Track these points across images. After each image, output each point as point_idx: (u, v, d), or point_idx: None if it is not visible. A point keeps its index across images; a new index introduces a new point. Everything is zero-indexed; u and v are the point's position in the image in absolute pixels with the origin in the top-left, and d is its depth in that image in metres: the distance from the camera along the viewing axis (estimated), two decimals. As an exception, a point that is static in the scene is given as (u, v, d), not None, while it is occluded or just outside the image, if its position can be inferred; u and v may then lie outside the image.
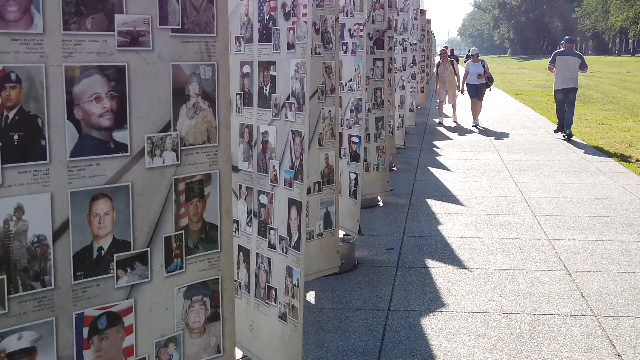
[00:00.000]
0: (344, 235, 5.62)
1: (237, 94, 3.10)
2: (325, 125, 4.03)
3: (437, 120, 16.74)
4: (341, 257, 5.45)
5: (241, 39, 3.07)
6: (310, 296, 5.01)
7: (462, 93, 16.06)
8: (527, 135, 14.18)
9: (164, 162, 2.18)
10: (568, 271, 5.51)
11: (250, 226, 3.00)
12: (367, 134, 6.38)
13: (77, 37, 1.97)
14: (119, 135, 2.08)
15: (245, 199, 3.03)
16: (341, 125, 5.32)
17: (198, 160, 2.25)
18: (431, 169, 10.33)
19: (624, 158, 11.23)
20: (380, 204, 7.91)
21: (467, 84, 15.53)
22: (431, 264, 5.72)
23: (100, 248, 2.10)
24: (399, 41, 10.75)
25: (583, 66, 13.05)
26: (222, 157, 2.26)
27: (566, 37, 14.21)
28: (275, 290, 2.79)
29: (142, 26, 2.10)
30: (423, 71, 18.01)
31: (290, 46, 2.76)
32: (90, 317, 2.09)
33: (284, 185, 2.76)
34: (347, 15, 5.20)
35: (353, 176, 5.26)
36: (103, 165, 2.06)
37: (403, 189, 8.74)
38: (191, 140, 2.24)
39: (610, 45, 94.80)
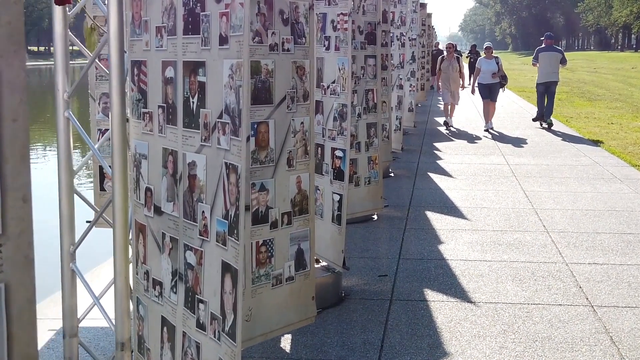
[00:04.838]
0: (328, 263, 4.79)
1: (159, 107, 2.25)
2: (296, 140, 3.18)
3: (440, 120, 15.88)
4: (325, 289, 4.64)
5: (163, 29, 2.20)
6: (285, 341, 4.18)
7: (472, 93, 15.10)
8: (534, 137, 13.33)
9: None
10: (592, 306, 4.67)
11: (176, 293, 2.15)
12: (357, 142, 5.52)
13: None
14: None
15: (169, 254, 2.18)
16: (323, 136, 4.46)
17: None
18: (431, 174, 9.49)
19: (639, 162, 10.38)
20: (375, 217, 7.07)
21: (478, 83, 14.38)
22: (431, 295, 4.89)
23: None
24: (397, 36, 9.87)
25: (563, 61, 14.06)
26: (12, 245, 0.93)
27: (546, 33, 15.06)
28: (206, 390, 1.97)
29: None
30: (423, 67, 17.11)
31: (224, 40, 1.89)
32: None
33: (216, 241, 1.91)
34: (329, 4, 4.34)
35: (337, 197, 4.40)
36: None
37: (400, 199, 7.90)
38: None
39: (612, 41, 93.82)
